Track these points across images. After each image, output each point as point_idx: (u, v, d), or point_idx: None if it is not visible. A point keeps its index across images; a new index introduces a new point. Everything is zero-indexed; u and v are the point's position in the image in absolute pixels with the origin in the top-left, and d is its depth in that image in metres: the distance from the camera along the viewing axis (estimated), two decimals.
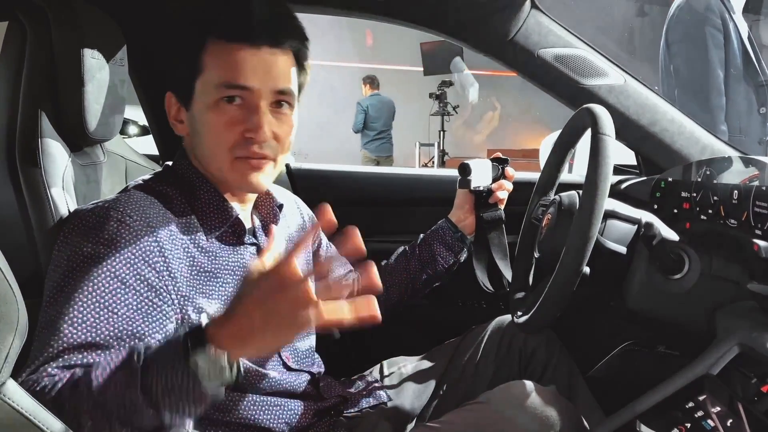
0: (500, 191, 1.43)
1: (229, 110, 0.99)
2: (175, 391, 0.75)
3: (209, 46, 0.99)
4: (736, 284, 1.04)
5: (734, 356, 0.93)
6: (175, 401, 0.76)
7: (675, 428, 0.85)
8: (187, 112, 1.03)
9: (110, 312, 0.87)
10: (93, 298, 0.87)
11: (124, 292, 0.89)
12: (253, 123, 0.98)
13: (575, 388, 1.33)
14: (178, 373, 0.75)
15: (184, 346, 0.76)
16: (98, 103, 1.13)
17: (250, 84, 0.98)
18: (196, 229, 1.03)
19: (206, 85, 0.99)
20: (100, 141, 1.22)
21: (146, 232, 0.94)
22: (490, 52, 1.47)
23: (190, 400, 0.76)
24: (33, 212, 1.02)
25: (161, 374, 0.75)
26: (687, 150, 1.48)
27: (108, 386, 0.76)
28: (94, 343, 0.85)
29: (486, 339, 1.39)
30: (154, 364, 0.76)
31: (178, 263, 0.97)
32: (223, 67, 0.98)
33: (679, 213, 1.29)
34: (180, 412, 0.77)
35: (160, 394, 0.75)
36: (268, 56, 1.00)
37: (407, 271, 1.43)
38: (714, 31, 2.54)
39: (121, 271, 0.90)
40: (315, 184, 1.86)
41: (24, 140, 1.05)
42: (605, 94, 1.45)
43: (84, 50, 1.09)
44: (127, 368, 0.77)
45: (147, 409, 0.75)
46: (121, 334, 0.87)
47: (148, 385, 0.75)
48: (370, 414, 1.24)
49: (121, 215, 0.93)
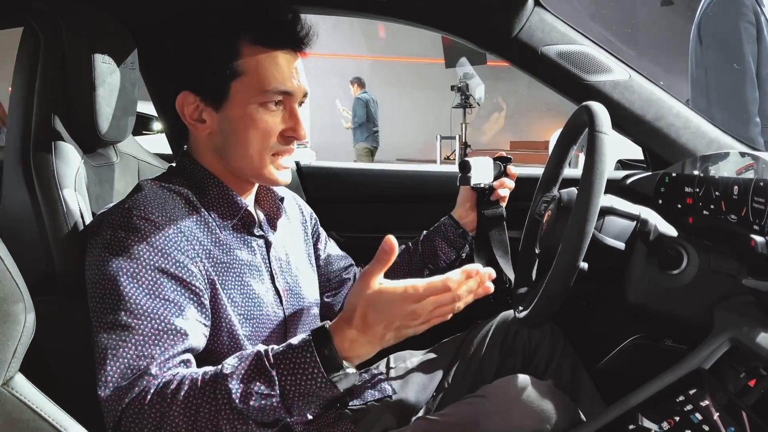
0: (501, 189, 1.44)
1: (272, 113, 1.05)
2: (310, 393, 0.85)
3: (244, 50, 1.03)
4: (734, 279, 1.05)
5: (727, 351, 0.94)
6: (307, 403, 0.86)
7: (664, 421, 0.86)
8: (217, 113, 1.06)
9: (164, 300, 0.93)
10: (142, 292, 0.92)
11: (167, 280, 0.95)
12: (294, 124, 1.07)
13: (579, 382, 1.34)
14: (317, 378, 0.84)
15: (318, 353, 0.85)
16: (109, 106, 1.17)
17: (292, 88, 1.06)
18: (209, 223, 1.06)
19: (248, 88, 1.03)
20: (112, 142, 1.26)
21: (169, 225, 0.99)
22: (493, 49, 1.48)
23: (321, 399, 0.86)
24: (45, 212, 1.05)
25: (298, 380, 0.84)
26: (693, 144, 1.48)
27: (249, 397, 0.84)
28: (166, 329, 0.91)
29: (491, 334, 1.41)
30: (290, 373, 0.85)
31: (201, 250, 1.02)
32: (267, 73, 1.03)
33: (682, 208, 1.29)
34: (309, 408, 0.88)
35: (296, 397, 0.85)
36: (294, 60, 1.07)
37: (409, 266, 1.46)
38: (748, 26, 2.53)
39: (159, 262, 0.95)
40: (322, 181, 1.89)
41: (38, 142, 1.09)
42: (610, 89, 1.45)
43: (95, 55, 1.13)
44: (264, 378, 0.85)
45: (282, 411, 0.85)
46: (184, 318, 0.94)
47: (286, 392, 0.84)
48: (375, 407, 1.27)
49: (143, 212, 0.97)
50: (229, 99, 1.04)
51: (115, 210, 0.99)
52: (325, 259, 1.41)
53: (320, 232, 1.42)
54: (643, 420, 0.89)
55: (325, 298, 1.42)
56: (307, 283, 1.26)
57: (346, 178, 1.93)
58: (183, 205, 1.05)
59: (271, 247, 1.16)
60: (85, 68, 1.12)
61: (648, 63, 7.56)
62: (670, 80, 2.45)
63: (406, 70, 12.12)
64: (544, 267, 1.25)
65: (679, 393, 0.90)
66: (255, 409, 0.84)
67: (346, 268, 1.45)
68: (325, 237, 1.44)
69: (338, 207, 1.87)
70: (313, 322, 1.26)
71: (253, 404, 0.83)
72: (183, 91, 1.06)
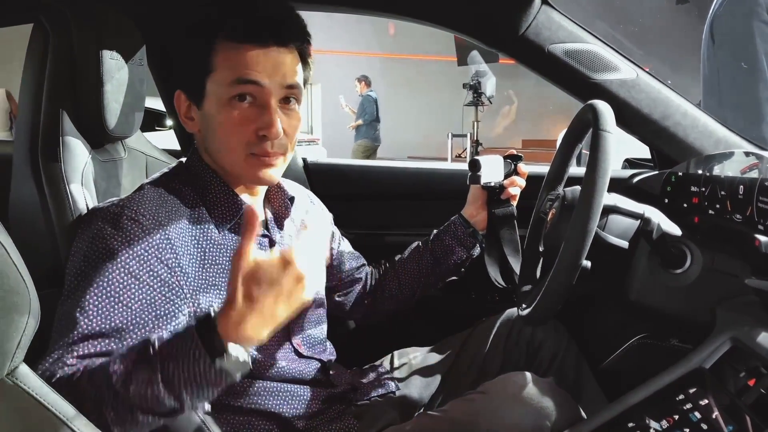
0: (512, 187, 1.44)
1: (241, 108, 1.03)
2: (195, 380, 0.80)
3: (218, 47, 1.03)
4: (738, 279, 1.04)
5: (728, 350, 0.94)
6: (195, 388, 0.81)
7: (663, 419, 0.87)
8: (199, 110, 1.07)
9: (123, 305, 0.92)
10: (107, 291, 0.91)
11: (137, 287, 0.94)
12: (265, 121, 1.02)
13: (582, 379, 1.34)
14: (199, 363, 0.79)
15: (199, 336, 0.80)
16: (117, 102, 1.18)
17: (260, 79, 1.02)
18: (208, 223, 1.07)
19: (218, 83, 1.03)
20: (120, 138, 1.27)
21: (158, 230, 0.99)
22: (499, 47, 1.47)
23: (209, 385, 0.81)
24: (53, 206, 1.07)
25: (181, 365, 0.80)
26: (700, 143, 1.47)
27: (128, 380, 0.80)
28: (106, 333, 0.89)
29: (495, 331, 1.41)
30: (171, 355, 0.80)
31: (188, 259, 1.02)
32: (234, 66, 1.02)
33: (688, 207, 1.29)
34: (199, 397, 0.83)
35: (181, 384, 0.80)
36: (275, 55, 1.04)
37: (420, 265, 1.46)
38: (762, 25, 2.52)
39: (134, 267, 0.94)
40: (330, 178, 1.89)
41: (46, 138, 1.11)
42: (617, 88, 1.44)
43: (103, 52, 1.14)
44: (145, 361, 0.81)
45: (168, 397, 0.81)
46: (134, 325, 0.92)
47: (168, 376, 0.80)
48: (378, 402, 1.27)
49: (134, 214, 0.98)
50: (206, 95, 1.05)
51: (108, 206, 1.00)
52: (337, 258, 1.42)
53: (334, 230, 1.43)
54: (642, 418, 0.89)
55: (336, 297, 1.43)
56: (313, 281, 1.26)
57: (353, 175, 1.94)
58: (185, 205, 1.06)
59: (275, 246, 1.16)
60: (93, 64, 1.13)
61: (657, 62, 7.52)
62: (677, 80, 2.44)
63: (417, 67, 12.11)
64: (548, 265, 1.25)
65: (679, 392, 0.90)
66: (137, 396, 0.80)
67: (357, 267, 1.46)
68: (339, 236, 1.44)
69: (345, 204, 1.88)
70: (319, 320, 1.27)
71: (134, 389, 0.80)
72: (177, 90, 1.08)
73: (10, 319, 0.64)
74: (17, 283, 0.65)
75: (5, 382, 0.65)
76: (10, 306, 0.64)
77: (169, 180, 1.10)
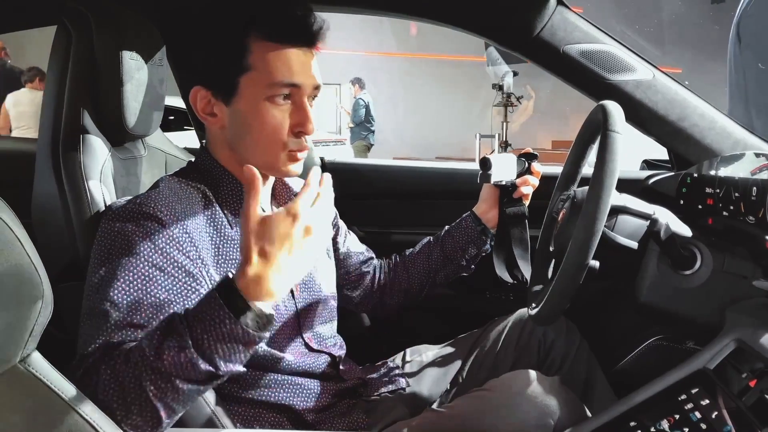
0: (524, 186, 1.44)
1: (280, 107, 1.07)
2: (224, 340, 0.83)
3: (254, 46, 1.05)
4: (748, 281, 1.04)
5: (732, 351, 0.94)
6: (226, 350, 0.84)
7: (664, 419, 0.87)
8: (227, 107, 1.09)
9: (152, 296, 0.95)
10: (134, 285, 0.95)
11: (163, 278, 0.97)
12: (302, 119, 1.08)
13: (593, 380, 1.34)
14: (225, 323, 0.83)
15: (223, 298, 0.83)
16: (137, 102, 1.22)
17: (300, 81, 1.07)
18: (220, 220, 1.10)
19: (255, 83, 1.06)
20: (140, 136, 1.31)
21: (176, 224, 1.02)
22: (515, 48, 1.48)
23: (239, 344, 0.85)
24: (72, 202, 1.11)
25: (208, 327, 0.83)
26: (718, 145, 1.45)
27: (160, 350, 0.83)
28: (138, 324, 0.93)
29: (507, 330, 1.41)
30: (198, 322, 0.84)
31: (206, 252, 1.05)
32: (275, 68, 1.05)
33: (703, 209, 1.28)
34: (232, 359, 0.86)
35: (211, 346, 0.83)
36: (309, 56, 1.09)
37: (429, 260, 1.47)
38: None
39: (158, 260, 0.98)
40: (346, 177, 1.91)
41: (67, 135, 1.15)
42: (633, 89, 1.44)
43: (123, 52, 1.17)
44: (176, 333, 0.84)
45: (202, 362, 0.83)
46: (163, 315, 0.95)
47: (198, 341, 0.83)
48: (388, 398, 1.29)
49: (152, 210, 1.01)
50: (238, 93, 1.07)
51: (127, 203, 1.03)
52: (345, 252, 1.44)
53: (339, 225, 1.44)
54: (644, 417, 0.90)
55: (345, 291, 1.44)
56: (324, 276, 1.28)
57: (370, 174, 1.96)
58: (199, 202, 1.09)
59: None
60: (114, 65, 1.17)
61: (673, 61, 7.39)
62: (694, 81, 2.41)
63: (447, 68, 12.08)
64: (559, 265, 1.25)
65: (682, 392, 0.90)
66: (173, 364, 0.83)
67: (365, 261, 1.48)
68: (345, 230, 1.46)
69: (362, 203, 1.90)
70: (330, 315, 1.29)
71: (168, 358, 0.82)
72: (195, 85, 1.10)
73: (24, 309, 0.67)
74: (31, 275, 0.68)
75: (18, 369, 0.68)
76: (24, 296, 0.67)
77: (181, 178, 1.12)
